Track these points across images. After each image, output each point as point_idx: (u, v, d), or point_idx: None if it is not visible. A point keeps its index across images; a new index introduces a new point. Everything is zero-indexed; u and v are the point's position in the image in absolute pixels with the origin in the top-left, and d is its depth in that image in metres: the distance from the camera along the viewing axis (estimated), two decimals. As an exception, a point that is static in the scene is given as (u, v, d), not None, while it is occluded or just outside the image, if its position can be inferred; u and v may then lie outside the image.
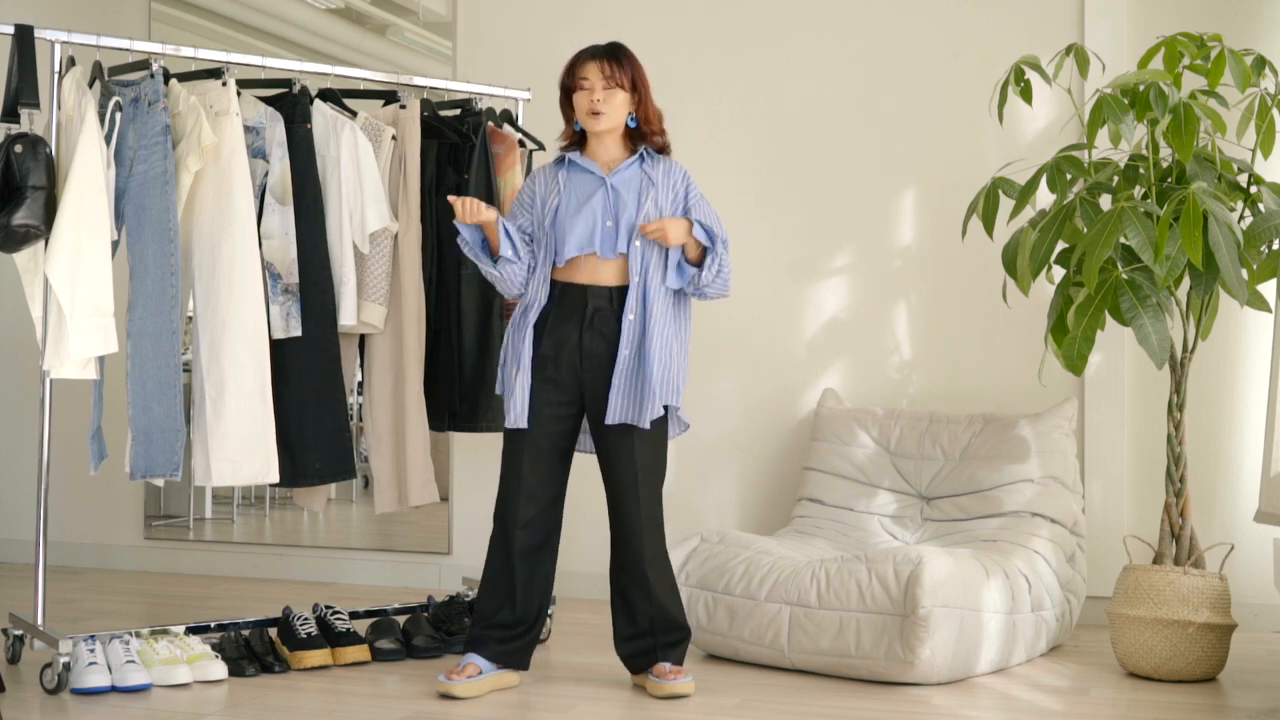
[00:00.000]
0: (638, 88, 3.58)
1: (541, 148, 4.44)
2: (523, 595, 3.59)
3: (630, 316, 3.51)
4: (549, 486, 3.59)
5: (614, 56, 3.57)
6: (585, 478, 3.87)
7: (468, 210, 3.54)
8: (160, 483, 3.75)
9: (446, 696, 3.49)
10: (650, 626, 3.59)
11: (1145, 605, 3.74)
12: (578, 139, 3.65)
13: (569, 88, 3.60)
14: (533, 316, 3.56)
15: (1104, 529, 4.49)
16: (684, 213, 3.59)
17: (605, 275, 3.54)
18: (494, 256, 3.60)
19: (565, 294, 3.55)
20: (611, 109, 3.55)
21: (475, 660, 3.57)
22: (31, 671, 3.69)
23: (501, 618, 3.59)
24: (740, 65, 4.92)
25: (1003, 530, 4.12)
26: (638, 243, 3.53)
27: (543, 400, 3.55)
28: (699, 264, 3.57)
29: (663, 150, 3.65)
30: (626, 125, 3.60)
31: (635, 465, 3.53)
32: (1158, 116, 3.69)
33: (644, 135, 3.61)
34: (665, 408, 3.56)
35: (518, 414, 3.53)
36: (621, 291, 3.54)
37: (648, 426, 3.49)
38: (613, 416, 3.51)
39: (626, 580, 3.61)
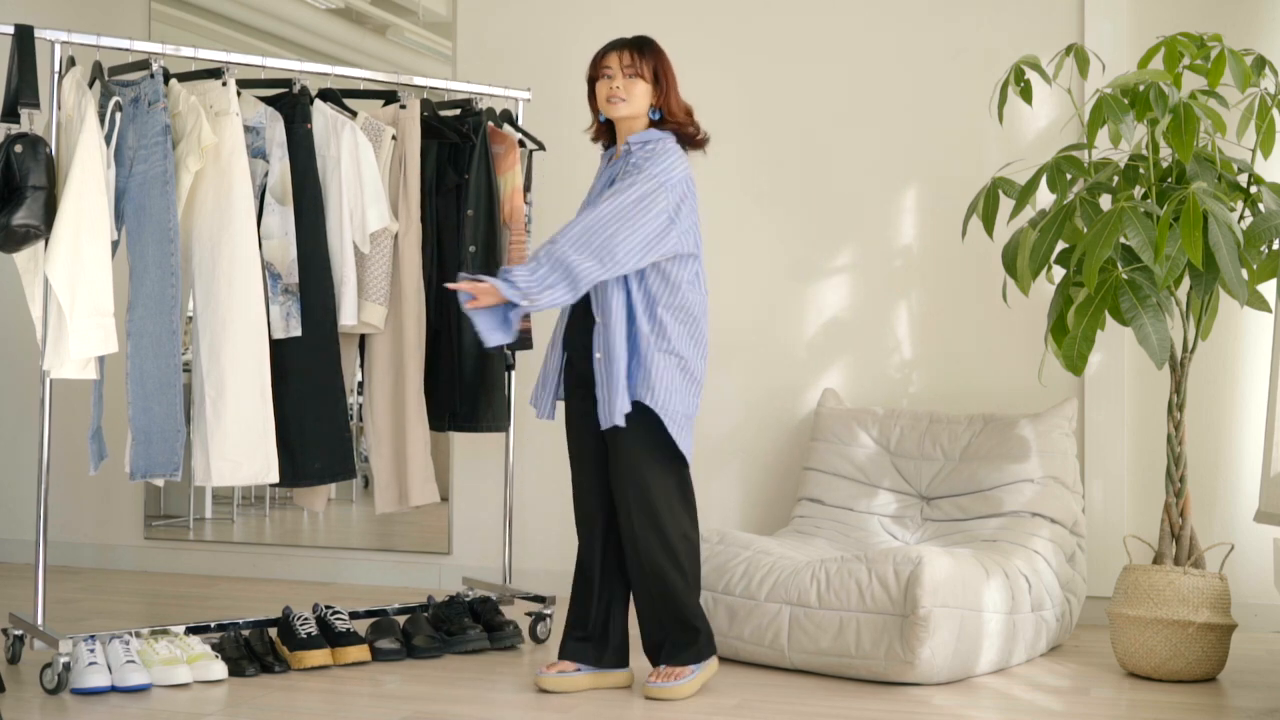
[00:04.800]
0: (660, 79, 3.56)
1: (541, 148, 4.43)
2: (595, 596, 3.62)
3: (598, 320, 3.50)
4: (597, 486, 3.59)
5: (637, 47, 3.57)
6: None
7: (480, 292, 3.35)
8: (160, 483, 3.75)
9: (541, 690, 3.56)
10: (651, 628, 3.59)
11: (1145, 605, 3.74)
12: (605, 131, 3.65)
13: (593, 78, 3.60)
14: (562, 323, 3.62)
15: (1104, 529, 4.49)
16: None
17: None
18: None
19: (583, 297, 3.52)
20: (631, 97, 3.53)
21: (565, 660, 3.64)
22: (31, 671, 3.68)
23: (578, 615, 3.64)
24: (741, 65, 4.92)
25: (1003, 530, 4.12)
26: None
27: (574, 405, 3.59)
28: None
29: (692, 140, 3.59)
30: (650, 118, 3.57)
31: (621, 467, 3.48)
32: (1158, 116, 3.69)
33: (666, 126, 3.58)
34: (655, 415, 3.44)
35: (539, 404, 3.62)
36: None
37: (621, 423, 3.43)
38: (603, 421, 3.48)
39: (628, 582, 3.62)
